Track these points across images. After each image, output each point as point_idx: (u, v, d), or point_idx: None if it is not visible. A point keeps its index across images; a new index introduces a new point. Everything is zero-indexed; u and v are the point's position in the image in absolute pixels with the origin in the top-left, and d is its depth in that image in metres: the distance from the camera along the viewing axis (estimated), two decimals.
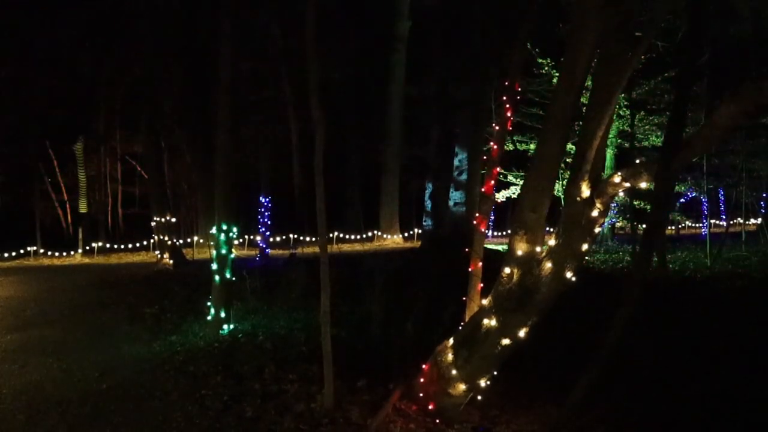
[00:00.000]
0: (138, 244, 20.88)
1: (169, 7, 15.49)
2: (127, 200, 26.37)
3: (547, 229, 4.39)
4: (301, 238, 18.67)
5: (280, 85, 17.38)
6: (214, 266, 7.74)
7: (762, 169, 19.74)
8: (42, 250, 19.50)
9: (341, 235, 22.46)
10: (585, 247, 4.20)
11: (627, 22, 4.07)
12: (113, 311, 9.37)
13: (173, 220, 16.04)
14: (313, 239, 18.97)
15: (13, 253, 18.78)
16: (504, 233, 25.35)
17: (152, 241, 17.98)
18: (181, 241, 17.87)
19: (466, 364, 4.50)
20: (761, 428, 4.65)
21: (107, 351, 6.99)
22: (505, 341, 4.31)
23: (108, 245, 20.55)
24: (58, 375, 6.11)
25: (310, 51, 5.16)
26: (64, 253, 19.54)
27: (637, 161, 4.94)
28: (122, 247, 20.79)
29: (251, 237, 20.91)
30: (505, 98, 5.11)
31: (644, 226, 7.77)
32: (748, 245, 17.58)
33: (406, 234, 24.34)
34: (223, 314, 7.50)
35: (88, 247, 19.74)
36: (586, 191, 4.04)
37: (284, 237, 20.32)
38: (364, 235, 23.77)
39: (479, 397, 4.69)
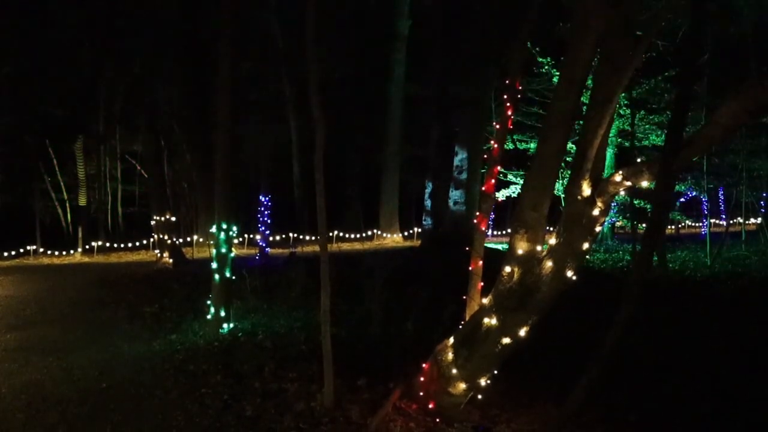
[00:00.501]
0: (138, 243, 20.86)
1: (169, 7, 15.51)
2: (126, 199, 26.32)
3: (548, 228, 4.39)
4: (301, 237, 18.67)
5: (280, 85, 17.38)
6: (214, 265, 7.74)
7: (762, 168, 19.70)
8: (42, 249, 19.47)
9: (341, 234, 22.45)
10: (586, 246, 4.20)
11: (628, 21, 4.07)
12: (113, 310, 9.36)
13: (173, 219, 16.01)
14: (313, 238, 18.97)
15: (13, 252, 18.76)
16: (504, 232, 25.33)
17: (152, 240, 17.97)
18: (180, 240, 17.84)
19: (466, 363, 4.50)
20: (761, 428, 4.65)
21: (107, 350, 6.98)
22: (506, 340, 4.31)
23: (108, 244, 20.54)
24: (58, 374, 6.10)
25: (310, 51, 5.15)
26: (64, 252, 19.52)
27: (639, 160, 4.94)
28: (122, 246, 20.78)
29: (251, 236, 20.88)
30: (505, 97, 5.10)
31: (644, 225, 7.77)
32: (748, 245, 17.61)
33: (405, 233, 24.34)
34: (222, 313, 7.50)
35: (87, 246, 19.74)
36: (587, 190, 4.04)
37: (284, 236, 20.32)
38: (364, 234, 23.77)
39: (479, 396, 4.69)
